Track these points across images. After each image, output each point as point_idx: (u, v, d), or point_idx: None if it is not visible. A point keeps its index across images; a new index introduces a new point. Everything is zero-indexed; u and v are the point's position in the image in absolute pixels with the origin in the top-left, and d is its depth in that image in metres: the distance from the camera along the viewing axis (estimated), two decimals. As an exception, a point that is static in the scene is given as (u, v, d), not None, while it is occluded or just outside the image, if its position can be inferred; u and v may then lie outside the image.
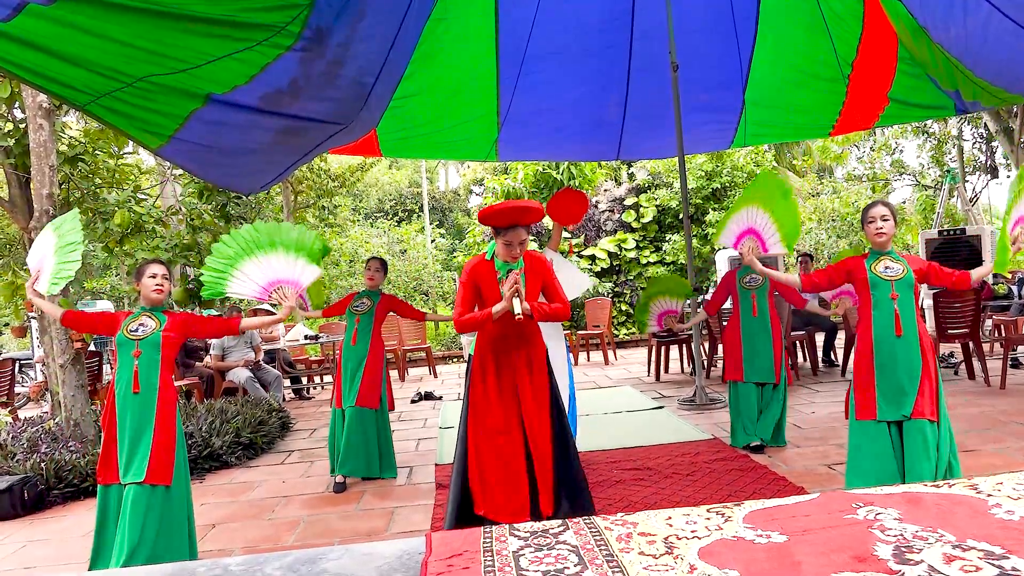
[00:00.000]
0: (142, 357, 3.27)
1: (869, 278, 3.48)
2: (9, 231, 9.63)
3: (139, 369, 3.25)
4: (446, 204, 29.11)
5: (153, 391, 3.26)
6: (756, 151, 13.16)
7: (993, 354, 7.96)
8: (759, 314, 4.82)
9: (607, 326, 10.61)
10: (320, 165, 12.26)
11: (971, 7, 3.98)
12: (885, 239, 3.49)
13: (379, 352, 4.87)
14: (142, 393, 3.24)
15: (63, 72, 3.11)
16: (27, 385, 11.01)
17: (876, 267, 3.48)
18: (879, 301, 3.45)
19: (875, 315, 3.46)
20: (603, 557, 1.73)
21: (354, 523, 3.96)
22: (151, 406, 3.24)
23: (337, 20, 3.77)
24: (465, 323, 3.19)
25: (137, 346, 3.28)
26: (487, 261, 3.33)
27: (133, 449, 3.19)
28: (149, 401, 3.24)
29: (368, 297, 4.89)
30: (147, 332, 3.32)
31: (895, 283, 3.42)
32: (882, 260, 3.50)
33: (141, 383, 3.24)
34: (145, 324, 3.35)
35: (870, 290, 3.48)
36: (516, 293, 3.06)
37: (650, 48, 6.35)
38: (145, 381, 3.25)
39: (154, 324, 3.35)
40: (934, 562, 1.57)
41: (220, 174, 5.04)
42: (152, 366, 3.28)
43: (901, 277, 3.42)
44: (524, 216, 3.20)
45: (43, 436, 5.47)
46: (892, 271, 3.45)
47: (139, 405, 3.23)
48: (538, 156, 10.49)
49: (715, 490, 3.99)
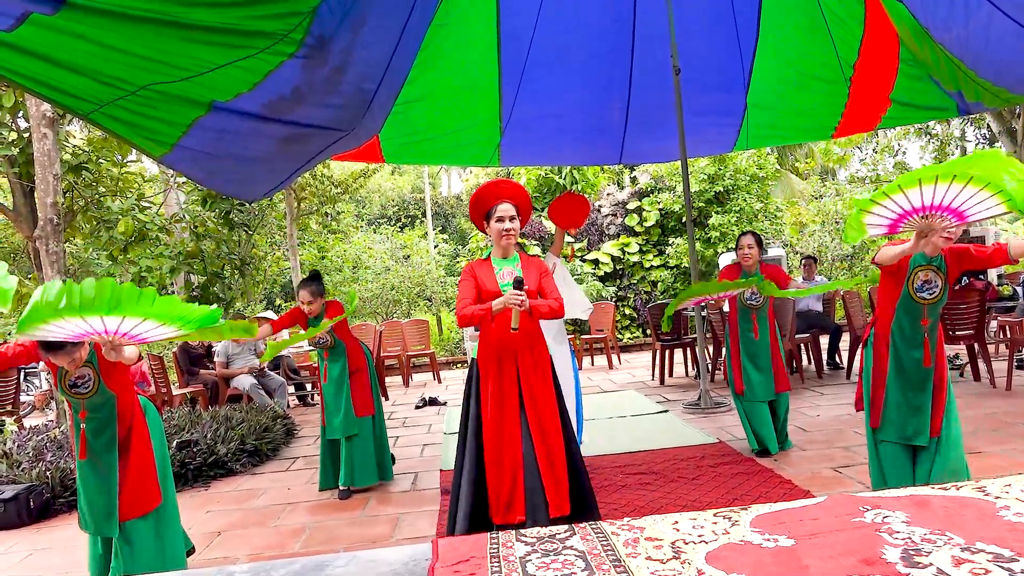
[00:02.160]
0: (89, 421, 2.92)
1: (902, 295, 3.15)
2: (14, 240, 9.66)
3: (86, 434, 2.91)
4: (449, 209, 29.11)
5: (111, 448, 2.96)
6: (759, 154, 13.15)
7: (998, 355, 7.94)
8: (760, 336, 4.71)
9: (611, 330, 10.60)
10: (323, 171, 12.29)
11: (972, 8, 3.97)
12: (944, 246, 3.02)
13: (358, 360, 4.76)
14: (94, 458, 2.95)
15: (66, 81, 3.12)
16: (32, 394, 11.03)
17: (916, 279, 3.12)
18: (907, 328, 3.19)
19: (898, 340, 3.22)
20: (610, 562, 1.72)
21: (359, 530, 3.95)
22: (110, 466, 2.96)
23: (339, 27, 3.78)
24: (466, 315, 3.20)
25: (83, 406, 2.91)
26: (485, 259, 3.42)
27: (103, 510, 2.96)
28: (106, 463, 2.96)
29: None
30: (89, 387, 2.90)
31: (928, 308, 3.11)
32: (925, 270, 3.09)
33: (90, 449, 2.92)
34: (83, 375, 2.90)
35: (898, 305, 3.19)
36: (519, 305, 3.04)
37: (652, 52, 6.35)
38: (96, 444, 2.94)
39: (90, 373, 2.90)
40: (943, 565, 1.56)
41: (223, 181, 5.05)
42: (104, 425, 2.96)
43: (936, 300, 3.10)
44: (500, 189, 3.31)
45: (48, 445, 5.48)
46: (931, 289, 3.10)
47: (93, 469, 2.95)
48: (541, 161, 10.50)
49: (721, 494, 3.98)
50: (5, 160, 6.06)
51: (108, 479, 2.96)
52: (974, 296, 6.51)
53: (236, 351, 8.05)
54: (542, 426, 3.23)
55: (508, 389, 3.26)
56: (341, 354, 4.71)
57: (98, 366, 2.92)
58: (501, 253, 3.37)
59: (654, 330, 8.58)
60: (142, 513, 3.01)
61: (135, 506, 3.00)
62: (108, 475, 2.97)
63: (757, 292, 4.68)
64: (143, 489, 3.03)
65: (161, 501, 3.10)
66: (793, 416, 5.15)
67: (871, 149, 16.89)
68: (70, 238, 7.43)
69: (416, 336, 10.81)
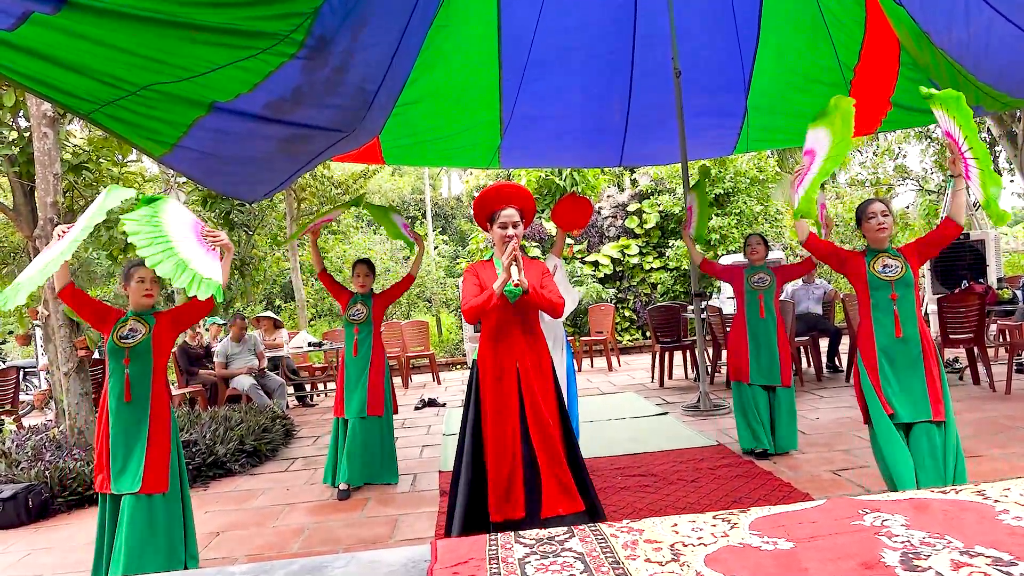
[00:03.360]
0: (132, 365, 3.19)
1: (868, 278, 3.46)
2: (13, 239, 9.66)
3: (130, 378, 3.17)
4: (449, 211, 29.11)
5: (145, 400, 3.19)
6: (759, 156, 13.16)
7: (998, 359, 7.93)
8: (767, 315, 4.81)
9: (610, 332, 10.60)
10: (323, 172, 12.30)
11: (973, 12, 3.98)
12: (886, 235, 3.48)
13: (381, 358, 4.88)
14: (134, 402, 3.17)
15: (67, 81, 3.12)
16: (31, 393, 11.03)
17: (875, 265, 3.46)
18: (879, 303, 3.45)
19: (875, 316, 3.46)
20: (609, 564, 1.72)
21: (358, 531, 3.95)
22: (144, 416, 3.18)
23: (340, 28, 3.78)
24: (471, 308, 3.21)
25: (127, 353, 3.19)
26: (487, 261, 3.43)
27: (127, 459, 3.14)
28: (142, 410, 3.18)
29: (362, 303, 4.87)
30: (137, 338, 3.22)
31: (895, 283, 3.41)
32: (880, 258, 3.48)
33: (133, 392, 3.16)
34: (135, 329, 3.23)
35: (869, 292, 3.47)
36: (515, 261, 3.08)
37: (652, 54, 6.36)
38: (136, 390, 3.18)
39: (143, 329, 3.24)
40: (942, 569, 1.55)
41: (223, 182, 5.06)
42: (143, 375, 3.21)
43: (900, 276, 3.41)
44: (507, 194, 3.31)
45: (47, 444, 5.48)
46: (891, 269, 3.43)
47: (131, 414, 3.17)
48: (541, 163, 10.51)
49: (720, 496, 3.98)
50: (5, 159, 6.06)
51: (141, 426, 3.17)
52: (973, 300, 6.51)
53: (235, 351, 8.05)
54: (542, 426, 3.22)
55: (508, 389, 3.26)
56: (370, 334, 4.83)
57: (153, 323, 3.26)
58: (500, 253, 3.36)
59: (653, 332, 8.59)
60: (153, 489, 3.11)
61: (151, 475, 3.12)
62: (142, 422, 3.17)
63: (764, 277, 4.85)
64: (159, 466, 3.15)
65: (167, 489, 3.17)
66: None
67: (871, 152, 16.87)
68: (70, 238, 7.40)
69: (416, 337, 10.81)
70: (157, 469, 3.15)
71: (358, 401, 4.72)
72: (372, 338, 4.84)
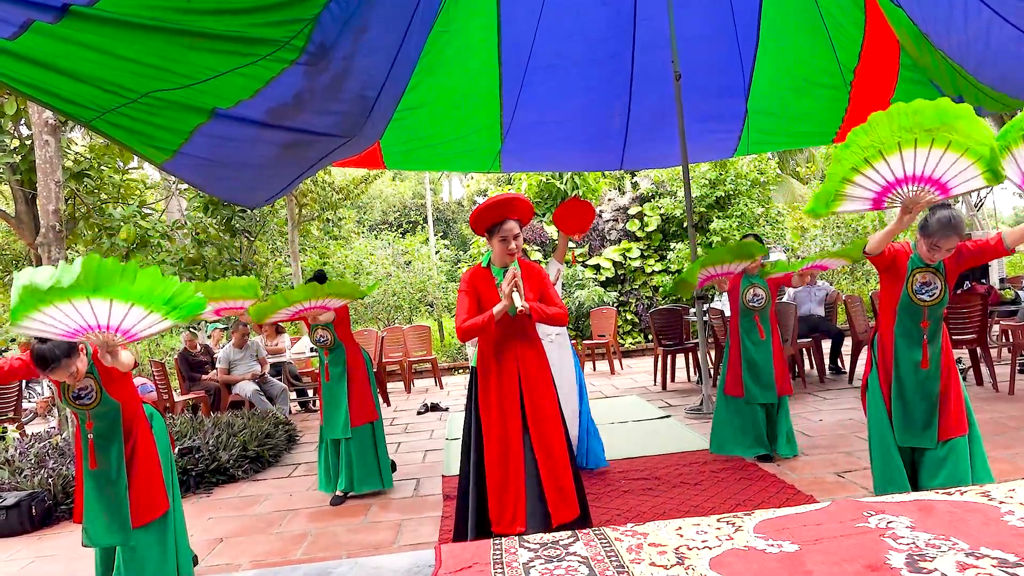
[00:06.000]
0: (97, 429, 2.91)
1: (902, 297, 3.14)
2: (16, 247, 9.68)
3: (95, 444, 2.90)
4: (450, 215, 29.18)
5: (119, 459, 2.94)
6: (760, 159, 13.16)
7: (1000, 359, 7.92)
8: (765, 337, 4.70)
9: (612, 335, 10.58)
10: (324, 178, 12.31)
11: (972, 13, 3.98)
12: (939, 258, 3.08)
13: (359, 368, 4.77)
14: (103, 468, 2.92)
15: (69, 89, 3.13)
16: (34, 400, 11.02)
17: (915, 282, 3.11)
18: (909, 330, 3.16)
19: (899, 339, 3.19)
20: (614, 568, 1.72)
21: (361, 536, 3.94)
22: (120, 476, 2.94)
23: (340, 34, 3.80)
24: (468, 329, 3.15)
25: (88, 416, 2.91)
26: (484, 268, 3.34)
27: (118, 518, 2.94)
28: (116, 471, 2.94)
29: (323, 328, 4.67)
30: (93, 397, 2.89)
31: (929, 309, 3.10)
32: (923, 272, 3.10)
33: (99, 458, 2.90)
34: (85, 387, 2.89)
35: (897, 310, 3.18)
36: (515, 287, 3.04)
37: (652, 58, 6.37)
38: (104, 454, 2.92)
39: (92, 383, 2.89)
40: (948, 570, 1.55)
41: (225, 188, 5.07)
42: (111, 433, 2.94)
43: (937, 302, 3.09)
44: (510, 207, 3.24)
45: (50, 451, 5.47)
46: (930, 290, 3.09)
47: (103, 476, 2.94)
48: (541, 167, 10.52)
49: (724, 499, 3.97)
50: (7, 167, 6.08)
51: (118, 487, 2.95)
52: (976, 300, 6.50)
53: (238, 357, 8.05)
54: (544, 432, 3.21)
55: (509, 394, 3.23)
56: (341, 355, 4.73)
57: (99, 376, 2.90)
58: (500, 263, 3.34)
59: (656, 335, 8.58)
60: (151, 519, 3.01)
61: (144, 512, 3.00)
62: (118, 482, 2.95)
63: (759, 293, 4.70)
64: (151, 495, 3.03)
65: (169, 507, 3.10)
66: (795, 421, 5.12)
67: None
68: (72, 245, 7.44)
69: (418, 342, 10.80)
70: (149, 504, 3.00)
71: (342, 421, 4.64)
72: (345, 354, 4.73)
